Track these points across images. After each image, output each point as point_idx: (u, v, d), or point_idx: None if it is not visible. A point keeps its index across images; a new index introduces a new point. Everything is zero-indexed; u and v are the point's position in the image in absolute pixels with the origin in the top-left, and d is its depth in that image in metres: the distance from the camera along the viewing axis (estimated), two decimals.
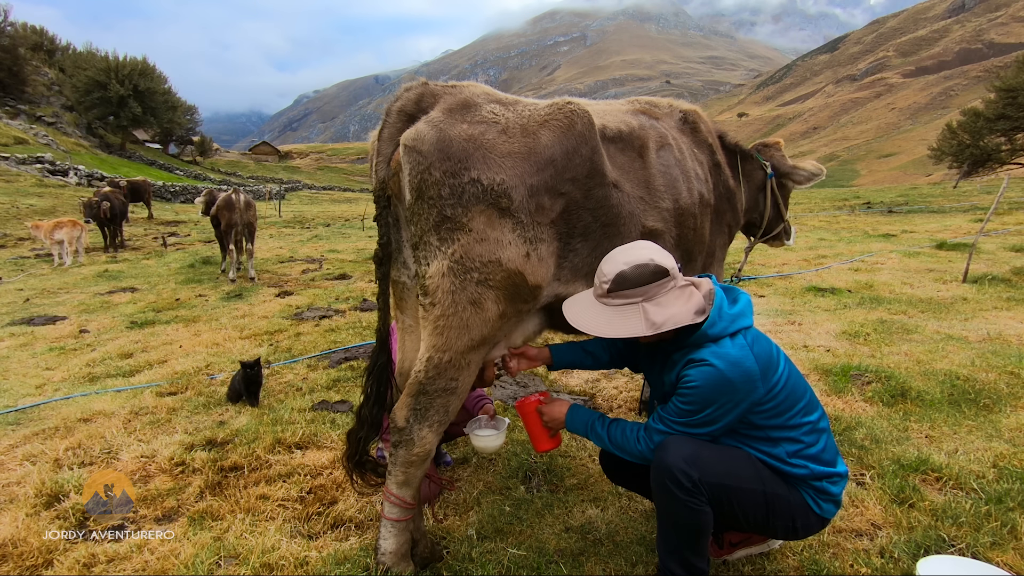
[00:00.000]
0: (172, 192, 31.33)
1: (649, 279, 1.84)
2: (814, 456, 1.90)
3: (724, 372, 1.77)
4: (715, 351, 1.81)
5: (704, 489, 1.78)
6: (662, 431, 1.89)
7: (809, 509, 1.90)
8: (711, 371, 1.78)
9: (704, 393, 1.79)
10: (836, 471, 1.92)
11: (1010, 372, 3.94)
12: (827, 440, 1.94)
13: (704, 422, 1.83)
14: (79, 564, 2.25)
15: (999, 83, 30.34)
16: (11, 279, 9.73)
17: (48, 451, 3.19)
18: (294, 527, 2.47)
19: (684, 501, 1.79)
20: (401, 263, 2.07)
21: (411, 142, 1.82)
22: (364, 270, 9.79)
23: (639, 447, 1.93)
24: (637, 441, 1.94)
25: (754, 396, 1.81)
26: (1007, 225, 13.16)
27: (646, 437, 1.93)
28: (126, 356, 5.18)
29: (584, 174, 2.00)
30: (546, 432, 2.20)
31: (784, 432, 1.88)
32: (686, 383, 1.82)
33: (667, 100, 2.81)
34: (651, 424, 1.94)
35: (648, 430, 1.93)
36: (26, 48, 45.55)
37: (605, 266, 1.91)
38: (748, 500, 1.85)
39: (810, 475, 1.88)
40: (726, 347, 1.81)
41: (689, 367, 1.83)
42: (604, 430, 2.03)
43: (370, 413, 2.09)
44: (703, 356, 1.81)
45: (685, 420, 1.85)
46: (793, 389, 1.89)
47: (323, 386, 4.19)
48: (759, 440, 1.90)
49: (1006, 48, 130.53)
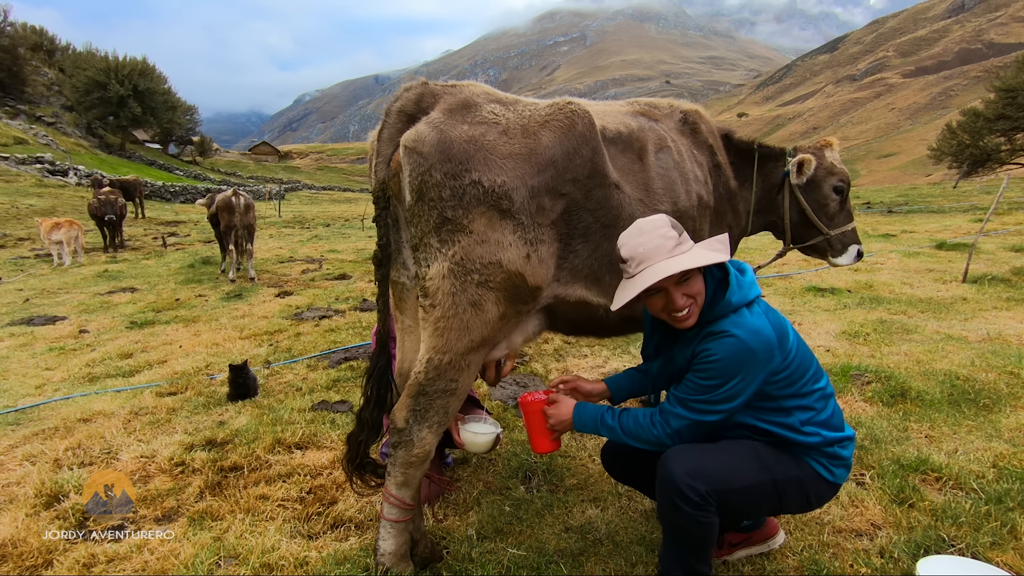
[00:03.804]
0: (172, 192, 31.33)
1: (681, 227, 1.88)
2: (824, 422, 1.89)
3: (746, 342, 1.73)
4: (735, 321, 1.77)
5: (712, 499, 1.77)
6: (680, 414, 1.84)
7: (821, 479, 1.89)
8: (733, 342, 1.74)
9: (726, 366, 1.74)
10: (845, 435, 1.93)
11: (1010, 372, 3.94)
12: (834, 405, 1.95)
13: (725, 397, 1.78)
14: (79, 564, 2.25)
15: (999, 83, 30.37)
16: (11, 279, 9.73)
17: (48, 451, 3.19)
18: (294, 527, 2.47)
19: (692, 515, 1.77)
20: (401, 264, 2.07)
21: (412, 143, 1.82)
22: (364, 270, 9.79)
23: (654, 432, 1.88)
24: (652, 426, 1.89)
25: (772, 365, 1.79)
26: (1007, 225, 13.16)
27: (662, 422, 1.88)
28: (126, 356, 5.18)
29: (585, 175, 2.00)
30: (549, 433, 2.15)
31: (796, 401, 1.87)
32: (706, 358, 1.77)
33: (667, 100, 2.80)
34: (667, 407, 1.88)
35: (664, 413, 1.88)
36: (26, 48, 45.57)
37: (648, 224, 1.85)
38: (758, 493, 1.85)
39: (823, 442, 1.87)
40: (745, 317, 1.78)
41: (708, 341, 1.79)
42: (615, 421, 1.96)
43: (370, 416, 2.08)
44: (723, 328, 1.77)
45: (706, 397, 1.80)
46: (803, 356, 1.88)
47: (323, 386, 4.19)
48: (772, 412, 1.88)
49: (1006, 48, 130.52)
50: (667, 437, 1.87)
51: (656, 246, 1.80)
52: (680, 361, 1.95)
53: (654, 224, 1.85)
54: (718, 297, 1.85)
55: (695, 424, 1.84)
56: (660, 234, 1.82)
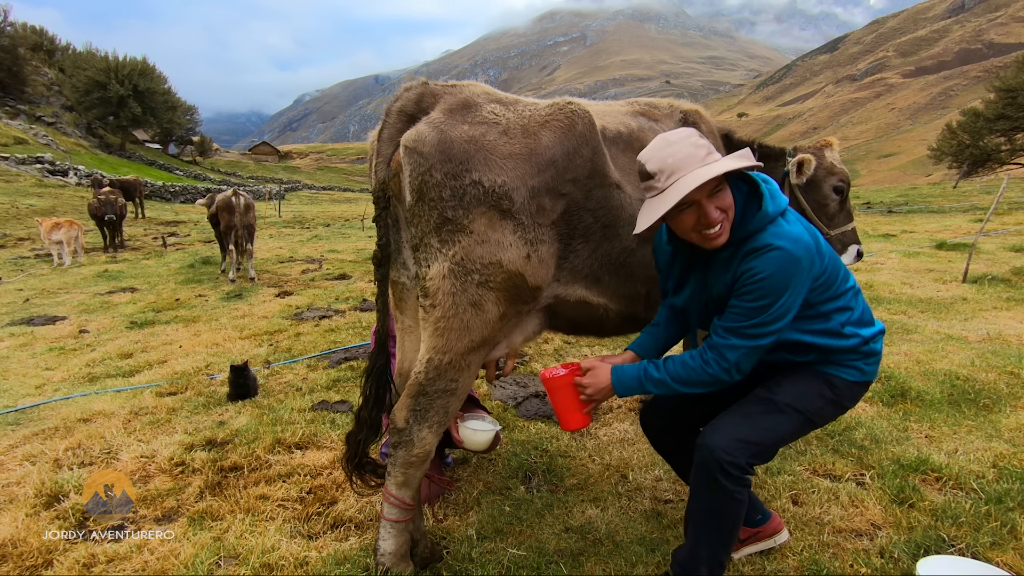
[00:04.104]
0: (172, 192, 31.33)
1: None
2: (860, 320, 1.88)
3: (792, 252, 1.66)
4: (775, 232, 1.69)
5: (751, 470, 1.78)
6: (734, 344, 1.74)
7: (854, 384, 1.90)
8: (779, 254, 1.66)
9: (775, 282, 1.66)
10: (878, 329, 1.92)
11: (1010, 372, 3.94)
12: (863, 301, 1.93)
13: (779, 315, 1.70)
14: (79, 564, 2.25)
15: (999, 83, 30.38)
16: (11, 279, 9.73)
17: (48, 451, 3.19)
18: (294, 527, 2.47)
19: (732, 492, 1.77)
20: (400, 264, 2.07)
21: (412, 143, 1.82)
22: (364, 270, 9.79)
23: (709, 371, 1.78)
24: (706, 365, 1.78)
25: (814, 271, 1.73)
26: (1007, 225, 13.16)
27: (716, 357, 1.77)
28: (126, 356, 5.18)
29: (585, 175, 2.00)
30: (581, 407, 2.01)
31: (834, 303, 1.83)
32: (752, 277, 1.68)
33: (667, 100, 2.80)
34: (718, 341, 1.78)
35: (716, 348, 1.77)
36: (26, 48, 45.55)
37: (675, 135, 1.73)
38: (795, 433, 1.89)
39: (861, 342, 1.86)
40: (783, 226, 1.71)
41: (750, 259, 1.70)
42: (663, 373, 1.85)
43: (369, 415, 2.09)
44: (765, 242, 1.68)
45: (759, 319, 1.71)
46: (832, 256, 1.84)
47: (323, 386, 4.19)
48: (812, 320, 1.82)
49: (1006, 48, 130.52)
50: (725, 372, 1.77)
51: (688, 155, 1.68)
52: (718, 288, 1.83)
53: (681, 135, 1.73)
54: (750, 210, 1.75)
55: (751, 351, 1.76)
56: (690, 143, 1.70)
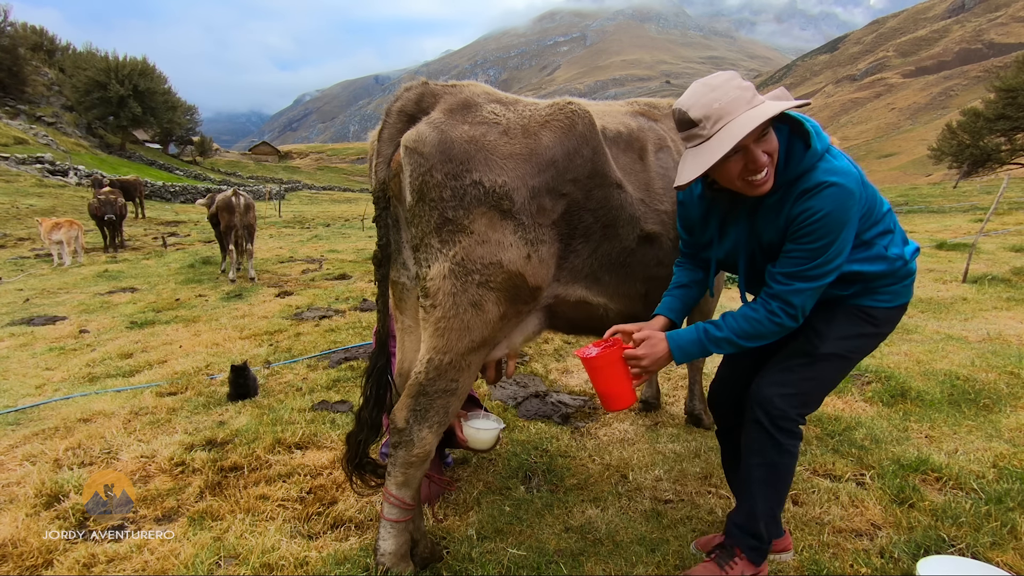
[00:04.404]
0: (172, 192, 31.34)
1: None
2: (902, 239, 1.87)
3: (845, 186, 1.63)
4: (826, 169, 1.66)
5: (802, 419, 1.84)
6: (798, 288, 1.71)
7: (891, 310, 1.90)
8: (835, 191, 1.62)
9: (835, 218, 1.63)
10: (913, 247, 1.91)
11: (1010, 372, 3.94)
12: (896, 219, 1.92)
13: (839, 251, 1.68)
14: (79, 564, 2.25)
15: (999, 83, 30.41)
16: (11, 279, 9.73)
17: (48, 451, 3.19)
18: (294, 527, 2.47)
19: (785, 446, 1.81)
20: (401, 264, 2.07)
21: (412, 143, 1.82)
22: (364, 270, 9.79)
23: (777, 319, 1.75)
24: (772, 315, 1.75)
25: (862, 202, 1.71)
26: (1007, 225, 13.16)
27: (781, 305, 1.74)
28: (126, 356, 5.18)
29: (585, 175, 2.00)
30: (631, 382, 1.91)
31: (876, 228, 1.82)
32: (810, 217, 1.64)
33: (667, 100, 2.81)
34: (779, 289, 1.74)
35: (777, 297, 1.74)
36: (26, 48, 45.55)
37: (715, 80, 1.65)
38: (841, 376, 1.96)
39: (902, 263, 1.84)
40: (832, 162, 1.67)
41: (804, 200, 1.66)
42: (726, 332, 1.80)
43: (370, 415, 2.08)
44: (818, 180, 1.64)
45: (821, 259, 1.67)
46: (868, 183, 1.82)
47: (323, 386, 4.19)
48: (858, 249, 1.80)
49: (1006, 48, 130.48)
50: (792, 319, 1.75)
51: (735, 97, 1.61)
52: (769, 234, 1.78)
53: (723, 78, 1.66)
54: (796, 151, 1.70)
55: (815, 291, 1.73)
56: (734, 85, 1.63)
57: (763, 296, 1.80)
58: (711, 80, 1.67)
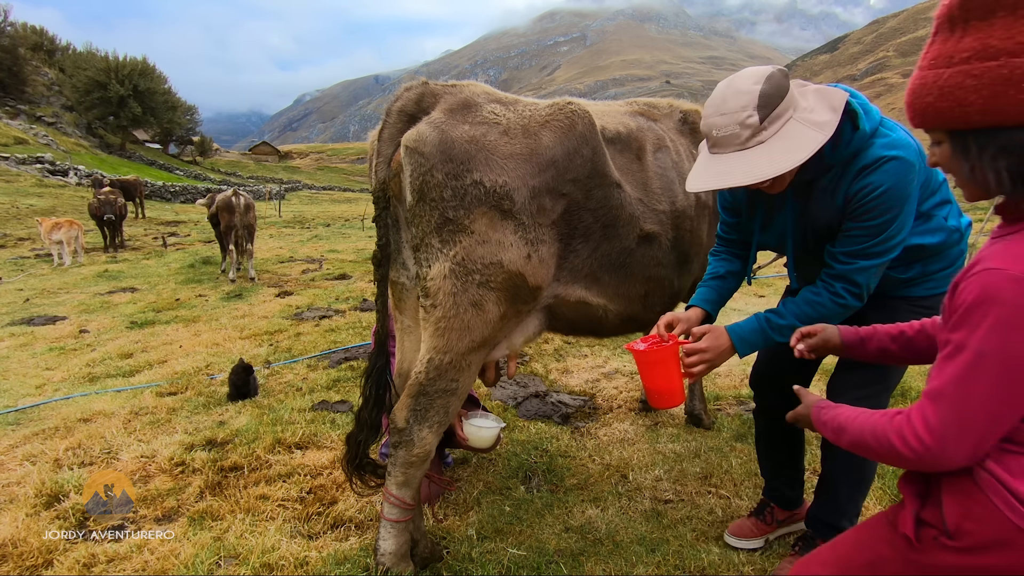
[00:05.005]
0: (172, 192, 31.33)
1: (786, 84, 1.53)
2: (957, 211, 1.81)
3: (905, 158, 1.57)
4: (883, 144, 1.60)
5: None
6: (862, 267, 1.65)
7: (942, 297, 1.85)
8: (895, 164, 1.57)
9: (896, 192, 1.57)
10: (968, 219, 1.85)
11: None
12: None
13: (901, 227, 1.62)
14: (79, 564, 2.25)
15: None
16: (11, 279, 9.73)
17: (48, 451, 3.19)
18: (294, 527, 2.47)
19: None
20: (400, 264, 2.07)
21: (413, 143, 1.82)
22: (364, 270, 9.79)
23: (842, 301, 1.69)
24: (836, 297, 1.69)
25: (922, 174, 1.65)
26: None
27: (846, 287, 1.68)
28: (126, 356, 5.18)
29: (585, 175, 2.00)
30: (682, 380, 1.83)
31: (934, 198, 1.76)
32: (870, 194, 1.59)
33: (667, 100, 2.81)
34: (842, 269, 1.68)
35: (841, 277, 1.69)
36: (26, 48, 45.57)
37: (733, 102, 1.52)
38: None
39: (959, 237, 1.77)
40: (888, 135, 1.61)
41: (864, 176, 1.59)
42: (789, 319, 1.73)
43: (369, 416, 2.09)
44: (877, 155, 1.58)
45: (885, 234, 1.61)
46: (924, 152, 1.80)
47: (323, 386, 4.19)
48: (919, 220, 1.74)
49: None
50: (857, 298, 1.70)
51: (729, 135, 1.54)
52: (826, 217, 1.72)
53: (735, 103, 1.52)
54: (843, 134, 1.61)
55: (879, 268, 1.69)
56: (737, 120, 1.51)
57: (825, 278, 1.74)
58: (727, 95, 1.55)
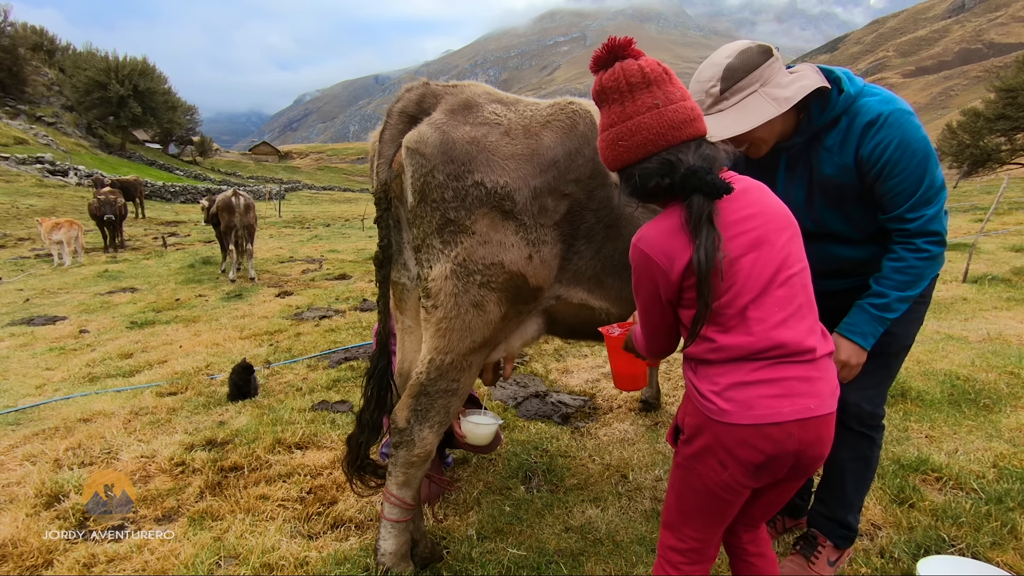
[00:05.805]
0: (172, 192, 31.32)
1: (758, 60, 1.62)
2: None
3: (900, 107, 1.59)
4: (877, 100, 1.62)
5: (883, 411, 1.95)
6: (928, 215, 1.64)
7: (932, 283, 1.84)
8: (897, 115, 1.58)
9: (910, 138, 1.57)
10: None
11: (1010, 372, 3.93)
12: None
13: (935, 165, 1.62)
14: (79, 564, 2.25)
15: (999, 83, 30.37)
16: (11, 279, 9.73)
17: (48, 451, 3.19)
18: (294, 527, 2.47)
19: (875, 438, 1.91)
20: (401, 265, 2.07)
21: (414, 144, 1.82)
22: (364, 270, 9.79)
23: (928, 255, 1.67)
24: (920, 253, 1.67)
25: None
26: (1007, 225, 13.15)
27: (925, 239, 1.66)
28: (126, 356, 5.18)
29: (587, 175, 2.00)
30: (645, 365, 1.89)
31: None
32: (887, 150, 1.59)
33: None
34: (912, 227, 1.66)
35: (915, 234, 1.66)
36: (26, 48, 45.52)
37: (705, 72, 1.66)
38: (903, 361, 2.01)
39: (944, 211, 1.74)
40: (878, 94, 1.63)
41: (873, 135, 1.60)
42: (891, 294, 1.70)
43: (371, 417, 2.08)
44: (877, 111, 1.60)
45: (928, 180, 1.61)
46: None
47: (323, 386, 4.19)
48: None
49: (1006, 48, 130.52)
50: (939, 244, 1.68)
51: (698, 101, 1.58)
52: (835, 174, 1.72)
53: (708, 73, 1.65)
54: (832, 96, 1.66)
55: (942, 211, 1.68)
56: (704, 89, 1.64)
57: (899, 243, 1.71)
58: (705, 66, 1.68)
